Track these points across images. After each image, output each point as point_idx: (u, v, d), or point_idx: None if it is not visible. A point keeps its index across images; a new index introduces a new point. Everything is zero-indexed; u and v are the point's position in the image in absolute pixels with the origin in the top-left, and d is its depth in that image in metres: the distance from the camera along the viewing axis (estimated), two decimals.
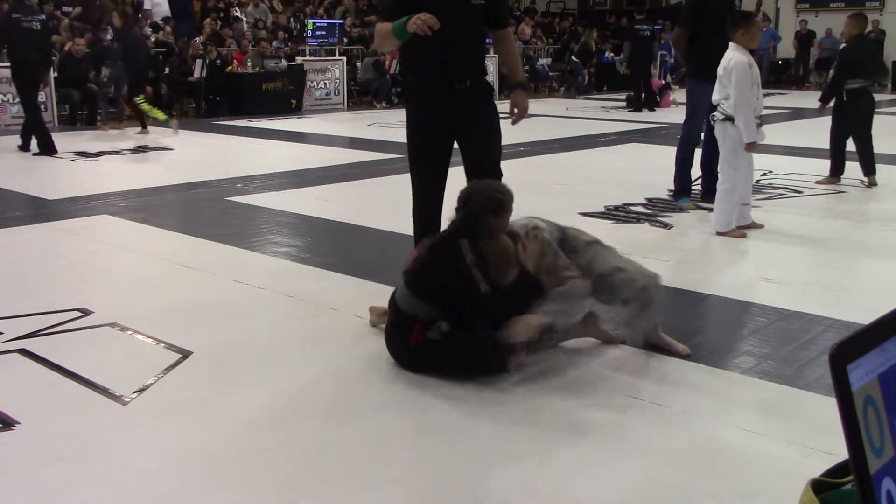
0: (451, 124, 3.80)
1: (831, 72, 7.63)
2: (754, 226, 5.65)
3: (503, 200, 3.24)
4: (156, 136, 10.79)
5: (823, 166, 7.35)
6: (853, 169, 7.24)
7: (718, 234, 5.42)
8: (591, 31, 19.29)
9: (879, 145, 9.47)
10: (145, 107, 10.92)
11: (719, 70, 5.34)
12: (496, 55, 3.97)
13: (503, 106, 3.85)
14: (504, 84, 15.86)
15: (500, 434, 2.69)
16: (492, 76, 15.94)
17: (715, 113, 5.45)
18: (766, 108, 8.55)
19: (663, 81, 15.57)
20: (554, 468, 2.47)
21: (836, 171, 7.22)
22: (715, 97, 5.42)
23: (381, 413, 2.85)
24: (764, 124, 5.57)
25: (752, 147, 5.32)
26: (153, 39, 13.94)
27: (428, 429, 2.74)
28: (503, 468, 2.48)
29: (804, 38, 20.55)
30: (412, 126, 3.96)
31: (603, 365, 3.28)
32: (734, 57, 5.25)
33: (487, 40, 4.05)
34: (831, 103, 7.33)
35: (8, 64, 11.69)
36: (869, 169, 7.20)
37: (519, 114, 3.87)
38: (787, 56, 21.48)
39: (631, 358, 3.36)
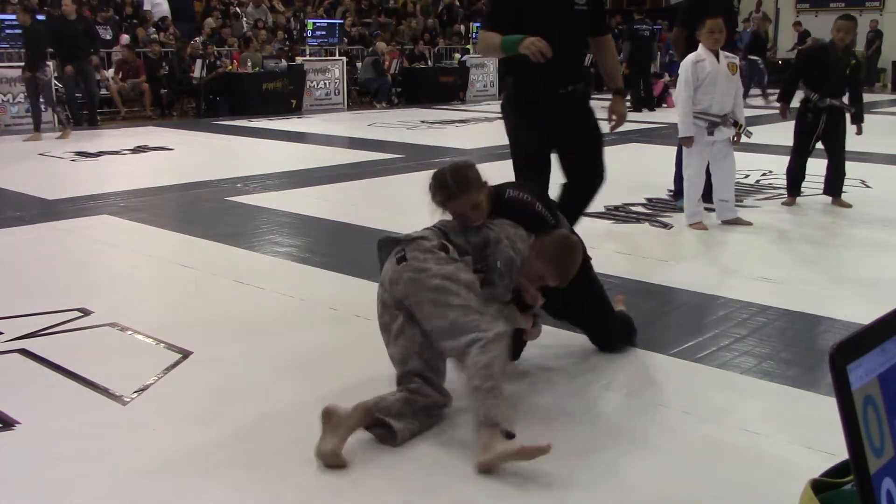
0: (555, 129, 3.85)
1: None
2: (741, 222, 5.69)
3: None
4: (155, 136, 10.79)
5: (823, 166, 7.33)
6: (854, 170, 7.22)
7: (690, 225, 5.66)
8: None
9: (880, 145, 9.48)
10: None
11: None
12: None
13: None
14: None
15: None
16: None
17: None
18: (766, 108, 8.55)
19: (665, 80, 15.58)
20: (553, 468, 2.47)
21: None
22: None
23: None
24: (737, 125, 5.53)
25: (686, 142, 5.53)
26: (154, 38, 13.97)
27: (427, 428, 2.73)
28: (499, 468, 2.47)
29: (798, 39, 20.54)
30: (516, 129, 3.95)
31: (601, 365, 3.28)
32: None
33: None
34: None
35: (9, 64, 11.79)
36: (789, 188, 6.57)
37: (617, 120, 3.97)
38: (788, 57, 21.48)
39: (630, 358, 3.36)
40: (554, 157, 3.93)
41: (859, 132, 6.44)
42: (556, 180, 3.91)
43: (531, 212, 3.05)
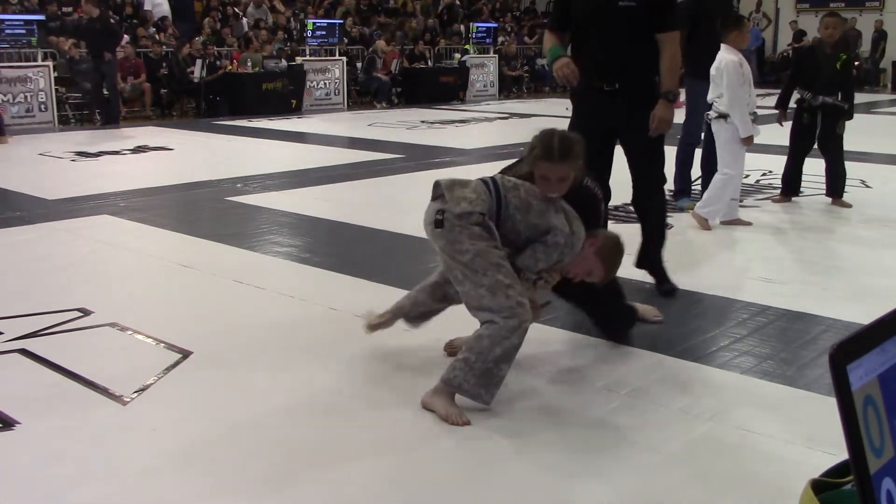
0: (604, 126, 3.89)
1: None
2: (741, 222, 5.70)
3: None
4: (155, 136, 10.79)
5: (822, 166, 7.33)
6: (854, 170, 7.22)
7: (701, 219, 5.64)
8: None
9: (880, 145, 9.48)
10: None
11: (712, 71, 5.54)
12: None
13: None
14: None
15: (499, 434, 2.69)
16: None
17: (710, 112, 5.65)
18: (767, 107, 8.54)
19: None
20: (552, 468, 2.47)
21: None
22: (710, 97, 5.63)
23: (383, 413, 2.84)
24: (758, 121, 5.66)
25: (749, 141, 5.50)
26: (156, 39, 13.96)
27: (428, 427, 2.73)
28: (501, 468, 2.48)
29: (796, 38, 20.54)
30: (571, 119, 4.10)
31: (602, 365, 3.28)
32: (724, 57, 5.47)
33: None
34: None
35: (8, 64, 11.79)
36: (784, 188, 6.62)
37: (655, 124, 3.87)
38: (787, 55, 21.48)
39: (630, 358, 3.36)
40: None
41: (840, 129, 6.34)
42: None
43: (597, 208, 3.14)
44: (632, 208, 6.12)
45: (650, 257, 4.23)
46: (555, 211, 2.91)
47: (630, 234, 5.40)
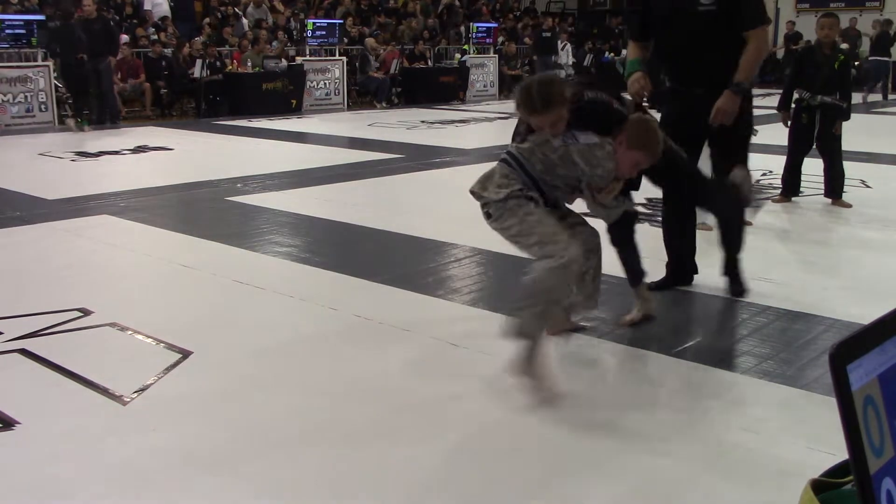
0: (691, 126, 3.91)
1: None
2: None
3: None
4: (155, 136, 10.80)
5: (821, 166, 7.33)
6: (854, 170, 7.22)
7: None
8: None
9: (880, 145, 9.48)
10: None
11: None
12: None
13: None
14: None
15: (500, 433, 2.69)
16: None
17: None
18: (767, 107, 8.56)
19: None
20: (553, 468, 2.47)
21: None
22: None
23: (382, 412, 2.85)
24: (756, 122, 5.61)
25: None
26: (156, 39, 13.95)
27: (427, 426, 2.73)
28: (502, 467, 2.48)
29: (790, 39, 20.51)
30: (662, 125, 4.12)
31: (602, 365, 3.29)
32: None
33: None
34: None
35: (8, 64, 11.81)
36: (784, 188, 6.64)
37: (714, 114, 3.84)
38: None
39: (631, 358, 3.36)
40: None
41: (837, 129, 6.33)
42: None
43: (610, 110, 3.25)
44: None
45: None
46: (572, 158, 3.10)
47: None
